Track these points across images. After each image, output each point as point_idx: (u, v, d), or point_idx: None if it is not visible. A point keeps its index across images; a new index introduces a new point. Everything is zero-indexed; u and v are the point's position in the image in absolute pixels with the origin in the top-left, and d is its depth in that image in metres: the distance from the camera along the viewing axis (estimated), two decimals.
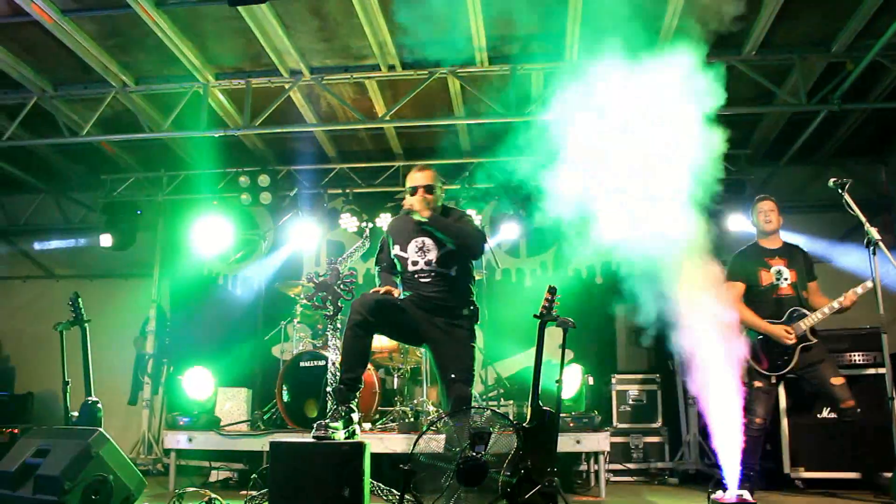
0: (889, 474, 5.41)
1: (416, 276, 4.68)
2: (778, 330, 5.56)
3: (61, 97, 7.72)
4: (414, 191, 4.74)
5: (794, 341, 5.52)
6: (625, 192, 8.41)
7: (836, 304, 5.46)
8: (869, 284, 5.18)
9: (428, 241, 4.71)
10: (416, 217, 4.65)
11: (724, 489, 4.76)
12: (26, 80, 7.42)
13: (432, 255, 4.67)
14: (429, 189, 4.73)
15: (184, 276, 9.65)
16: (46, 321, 6.23)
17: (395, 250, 4.80)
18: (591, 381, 7.29)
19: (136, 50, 7.01)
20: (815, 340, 5.58)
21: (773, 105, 7.48)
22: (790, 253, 5.90)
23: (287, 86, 7.40)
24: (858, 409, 5.43)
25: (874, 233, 4.73)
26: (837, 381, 5.49)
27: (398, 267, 4.83)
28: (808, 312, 5.60)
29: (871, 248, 4.79)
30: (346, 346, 4.50)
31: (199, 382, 7.81)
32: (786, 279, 5.75)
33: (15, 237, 10.51)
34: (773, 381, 5.64)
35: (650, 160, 6.13)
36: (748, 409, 5.56)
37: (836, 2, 6.22)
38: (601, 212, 8.49)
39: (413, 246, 4.74)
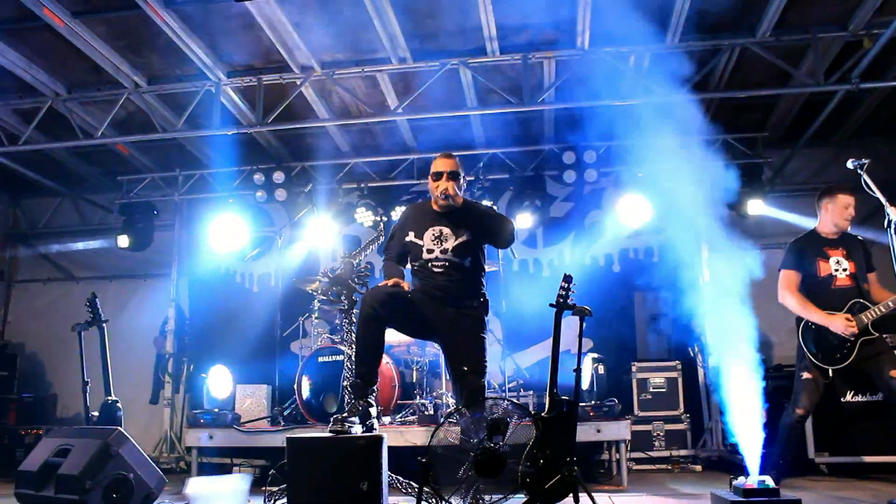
0: None
1: (429, 264, 4.64)
2: (839, 320, 5.27)
3: (75, 100, 7.76)
4: (439, 176, 4.70)
5: (856, 332, 5.24)
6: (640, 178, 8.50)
7: None
8: None
9: (445, 230, 4.67)
10: (447, 202, 4.64)
11: (747, 475, 4.69)
12: (40, 84, 7.47)
13: (448, 245, 4.63)
14: (453, 175, 4.70)
15: (202, 274, 9.69)
16: (68, 323, 6.29)
17: (410, 237, 4.75)
18: (601, 370, 7.22)
19: (148, 50, 7.05)
20: (876, 334, 5.30)
21: (789, 86, 7.36)
22: (849, 243, 5.59)
23: (298, 81, 7.39)
24: None
25: (894, 213, 4.62)
26: None
27: (410, 255, 4.79)
28: (869, 305, 5.35)
29: (892, 229, 4.68)
30: (359, 340, 4.49)
31: (219, 380, 7.84)
32: (844, 270, 5.49)
33: (35, 240, 10.61)
34: (830, 374, 5.36)
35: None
36: (793, 399, 5.45)
37: None
38: (619, 200, 8.52)
39: (430, 234, 4.70)
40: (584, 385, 7.13)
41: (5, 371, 9.26)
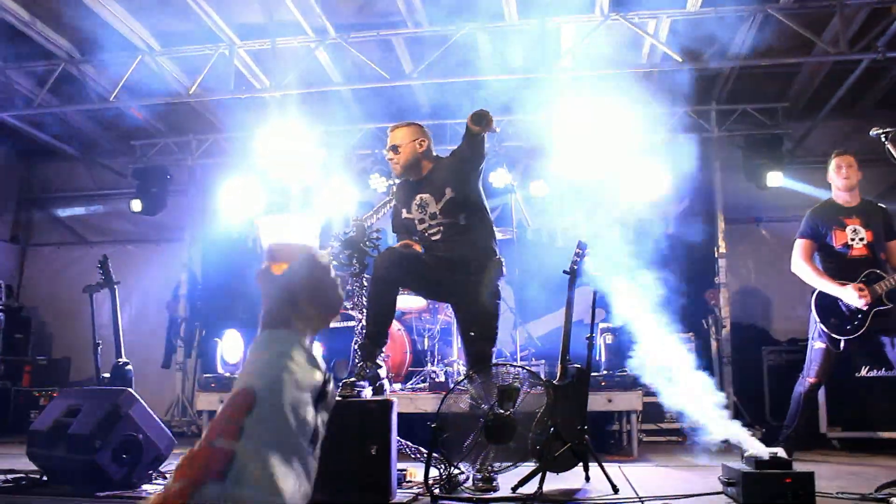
0: None
1: (426, 234, 4.62)
2: (850, 290, 5.15)
3: (88, 62, 7.71)
4: (389, 150, 4.77)
5: (868, 301, 5.13)
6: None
7: None
8: None
9: (425, 196, 4.64)
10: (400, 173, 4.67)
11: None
12: (54, 46, 7.42)
13: (434, 208, 4.60)
14: (393, 148, 4.72)
15: (215, 239, 9.66)
16: (81, 286, 6.27)
17: (403, 213, 4.76)
18: (609, 339, 7.17)
19: (160, 13, 6.96)
20: (890, 305, 5.18)
21: (813, 55, 7.20)
22: (868, 211, 5.45)
23: (313, 45, 7.30)
24: None
25: None
26: None
27: (411, 232, 4.79)
28: (885, 275, 5.22)
29: None
30: (370, 301, 4.47)
31: (231, 345, 7.85)
32: (861, 239, 5.38)
33: (49, 204, 10.63)
34: (842, 345, 5.27)
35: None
36: (805, 368, 5.40)
37: None
38: (634, 169, 8.40)
39: (413, 205, 4.68)
40: (596, 355, 7.10)
41: (20, 334, 9.32)
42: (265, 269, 1.26)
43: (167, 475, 4.67)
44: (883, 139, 4.66)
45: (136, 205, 9.27)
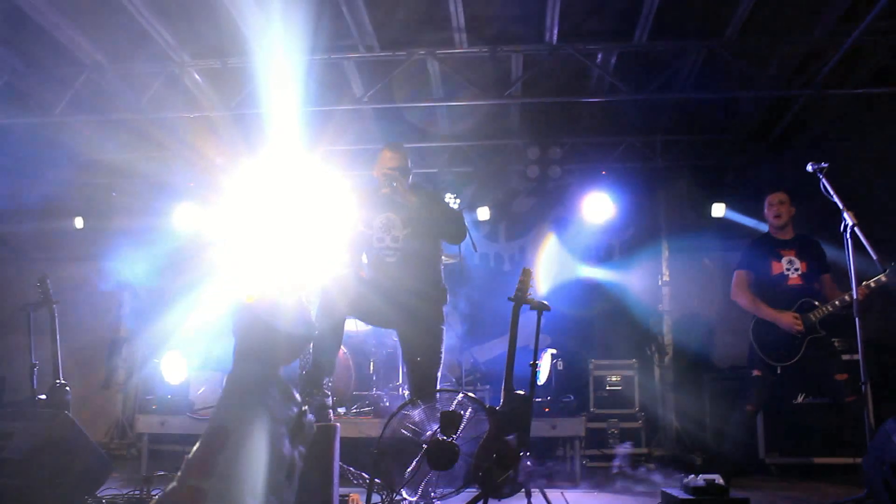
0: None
1: (381, 254, 4.62)
2: (786, 317, 5.45)
3: (33, 75, 7.56)
4: (390, 168, 4.67)
5: (801, 329, 5.42)
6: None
7: (846, 298, 5.27)
8: (883, 278, 5.08)
9: (394, 217, 4.63)
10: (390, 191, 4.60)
11: (698, 473, 4.73)
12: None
13: (399, 233, 4.60)
14: (403, 171, 4.67)
15: (159, 257, 9.48)
16: (19, 304, 6.12)
17: (361, 226, 4.72)
18: (560, 365, 7.23)
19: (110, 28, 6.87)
20: (823, 333, 5.47)
21: (754, 90, 7.40)
22: (803, 244, 5.80)
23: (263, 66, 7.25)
24: (859, 403, 5.29)
25: (850, 217, 4.68)
26: (842, 377, 5.43)
27: (363, 244, 4.76)
28: (818, 304, 5.51)
29: (848, 232, 4.74)
30: (318, 328, 4.44)
31: (173, 366, 7.69)
32: (796, 269, 5.65)
33: None
34: (778, 371, 5.52)
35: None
36: (743, 395, 5.54)
37: None
38: (582, 197, 8.52)
39: (379, 222, 4.66)
40: (543, 380, 7.14)
41: None
42: (239, 304, 1.27)
43: (104, 501, 4.59)
44: (818, 175, 4.85)
45: (79, 221, 9.09)
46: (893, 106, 7.32)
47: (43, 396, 5.46)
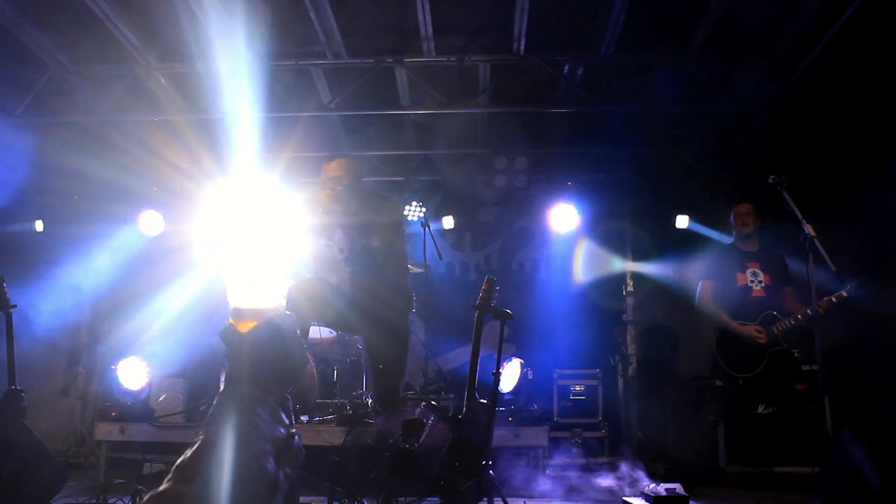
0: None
1: (344, 263, 4.63)
2: (749, 330, 5.54)
3: None
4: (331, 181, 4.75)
5: (764, 341, 5.51)
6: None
7: (809, 312, 5.35)
8: (844, 294, 5.19)
9: (351, 227, 4.68)
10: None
11: (659, 482, 4.77)
12: None
13: (358, 243, 4.63)
14: (336, 181, 4.73)
15: (120, 262, 9.35)
16: None
17: (322, 240, 4.75)
18: (530, 375, 7.24)
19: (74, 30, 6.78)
20: (785, 346, 5.58)
21: (717, 104, 7.49)
22: (767, 256, 5.90)
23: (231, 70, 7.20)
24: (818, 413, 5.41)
25: (809, 229, 4.76)
26: (801, 386, 5.53)
27: (327, 256, 4.78)
28: (780, 317, 5.59)
29: (808, 243, 4.81)
30: None
31: (133, 373, 7.57)
32: (760, 282, 5.74)
33: None
34: (740, 382, 5.61)
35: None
36: (705, 405, 5.60)
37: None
38: (548, 207, 8.56)
39: (337, 235, 4.70)
40: (510, 389, 7.14)
41: None
42: (231, 326, 1.26)
43: None
44: (779, 188, 4.93)
45: (40, 225, 8.95)
46: (851, 123, 7.48)
47: None
